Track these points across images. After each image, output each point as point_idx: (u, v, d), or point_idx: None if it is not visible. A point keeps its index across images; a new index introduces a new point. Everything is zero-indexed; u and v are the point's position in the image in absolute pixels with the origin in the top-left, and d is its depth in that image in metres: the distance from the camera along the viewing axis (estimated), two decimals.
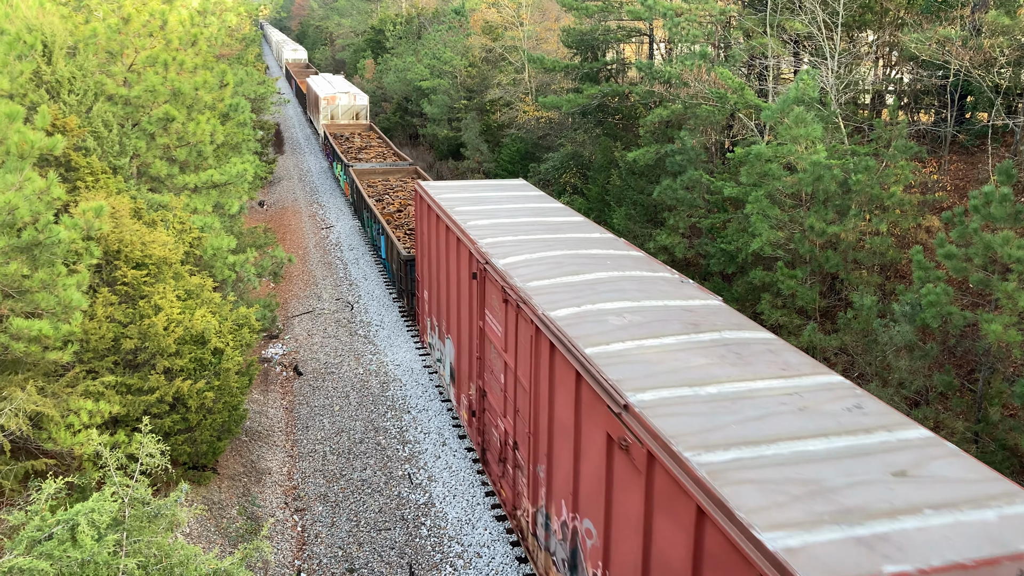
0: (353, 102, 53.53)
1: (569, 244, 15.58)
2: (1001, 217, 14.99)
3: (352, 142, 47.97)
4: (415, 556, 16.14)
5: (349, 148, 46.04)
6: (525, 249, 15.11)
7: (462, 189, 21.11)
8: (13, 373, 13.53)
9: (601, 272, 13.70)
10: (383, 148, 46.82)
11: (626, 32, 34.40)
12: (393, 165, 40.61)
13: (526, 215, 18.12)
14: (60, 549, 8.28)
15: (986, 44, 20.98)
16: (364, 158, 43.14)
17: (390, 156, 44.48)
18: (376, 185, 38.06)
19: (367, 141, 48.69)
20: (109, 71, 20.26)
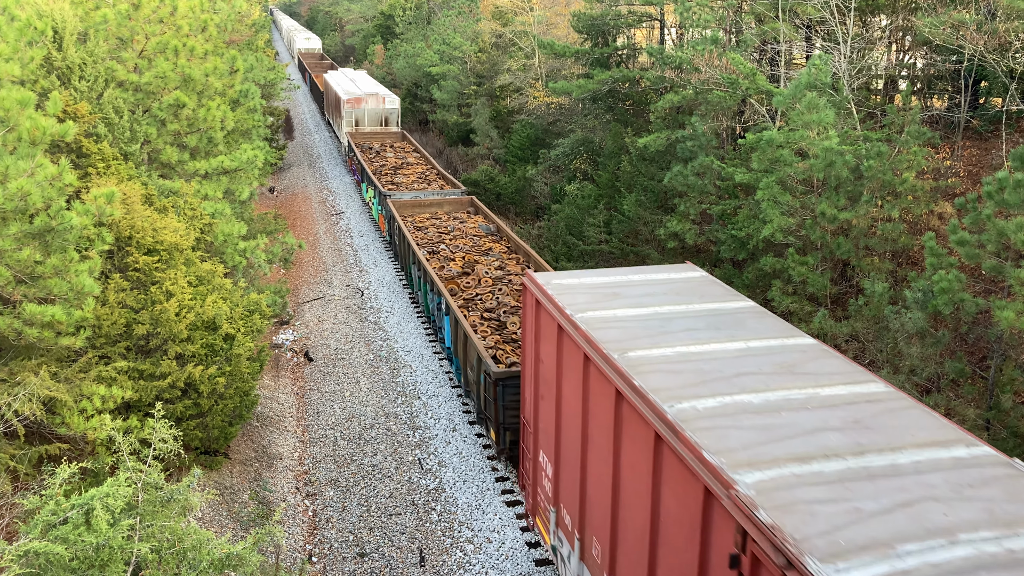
0: (381, 105, 46.14)
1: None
2: (1015, 203, 14.88)
3: (384, 157, 40.69)
4: (425, 541, 16.22)
5: (382, 167, 38.34)
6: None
7: (612, 296, 12.23)
8: (27, 358, 13.62)
9: None
10: (423, 166, 39.16)
11: (637, 17, 34.22)
12: (443, 195, 32.38)
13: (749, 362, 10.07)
14: (75, 533, 8.35)
15: (1001, 28, 20.77)
16: (403, 183, 35.34)
17: (434, 178, 36.59)
18: (425, 226, 29.16)
19: (402, 156, 41.16)
20: (120, 57, 20.28)
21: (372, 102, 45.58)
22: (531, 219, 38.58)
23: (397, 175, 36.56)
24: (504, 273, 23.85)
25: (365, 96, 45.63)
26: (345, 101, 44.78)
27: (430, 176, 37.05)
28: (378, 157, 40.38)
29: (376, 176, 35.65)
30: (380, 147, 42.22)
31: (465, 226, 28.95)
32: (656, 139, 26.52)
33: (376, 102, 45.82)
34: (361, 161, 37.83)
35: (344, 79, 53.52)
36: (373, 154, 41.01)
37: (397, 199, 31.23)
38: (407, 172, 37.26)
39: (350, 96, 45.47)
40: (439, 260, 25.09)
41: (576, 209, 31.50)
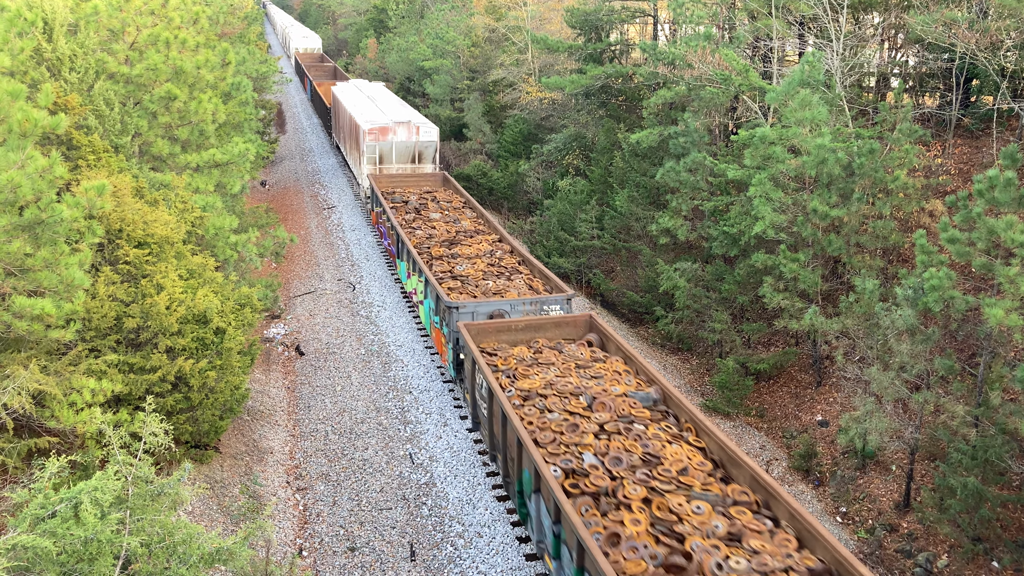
0: (414, 137, 34.53)
1: None
2: (1005, 202, 14.95)
3: (426, 217, 28.22)
4: (416, 535, 16.22)
5: (429, 238, 25.73)
6: None
7: None
8: (16, 351, 13.56)
9: None
10: (488, 235, 25.96)
11: (630, 13, 34.22)
12: (544, 308, 19.72)
13: None
14: (63, 527, 8.32)
15: (993, 27, 20.84)
16: (469, 275, 22.23)
17: (512, 263, 23.22)
18: (529, 378, 15.88)
19: (452, 216, 28.39)
20: (111, 49, 20.17)
21: (402, 133, 34.52)
22: (523, 214, 38.59)
23: (456, 256, 23.89)
24: None
25: (393, 125, 34.32)
26: (367, 132, 33.96)
27: (507, 260, 23.44)
28: (418, 217, 28.36)
29: (423, 256, 24.03)
30: (418, 200, 30.24)
31: (601, 377, 15.88)
32: (649, 135, 26.54)
33: (407, 133, 34.64)
34: (396, 226, 25.94)
35: (360, 97, 42.33)
36: (410, 212, 29.04)
37: (472, 318, 19.25)
38: (468, 248, 24.53)
39: (374, 126, 34.23)
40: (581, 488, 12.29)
41: (568, 205, 31.52)
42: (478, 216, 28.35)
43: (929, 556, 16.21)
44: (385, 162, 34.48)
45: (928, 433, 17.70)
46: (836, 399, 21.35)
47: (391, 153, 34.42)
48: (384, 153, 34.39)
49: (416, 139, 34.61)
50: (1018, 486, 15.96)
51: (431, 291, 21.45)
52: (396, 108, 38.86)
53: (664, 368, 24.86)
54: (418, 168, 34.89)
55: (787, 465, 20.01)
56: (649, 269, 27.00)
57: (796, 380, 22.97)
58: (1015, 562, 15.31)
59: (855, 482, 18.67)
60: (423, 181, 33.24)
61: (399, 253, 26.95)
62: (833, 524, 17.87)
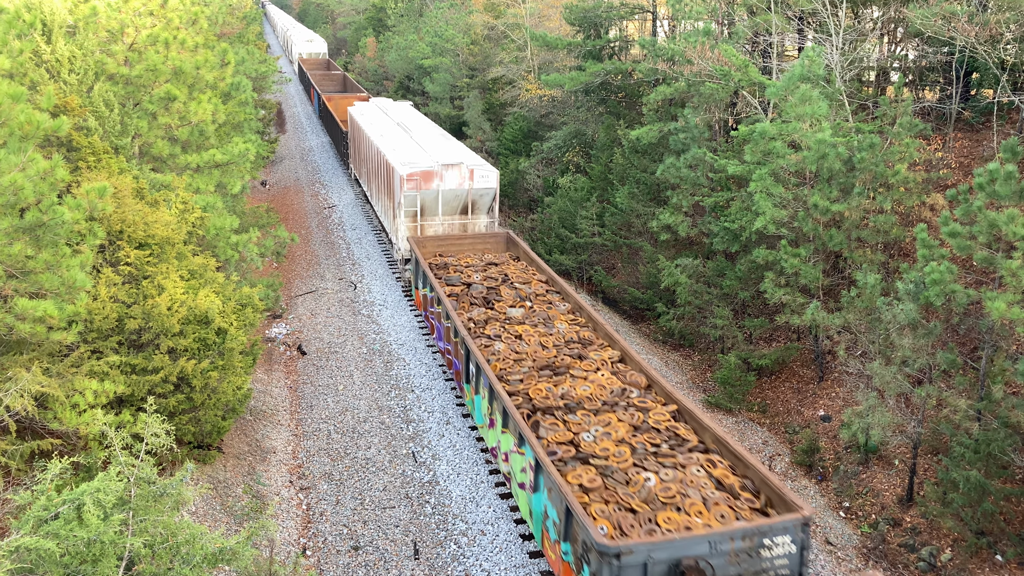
0: (468, 183, 26.78)
1: None
2: (1006, 195, 14.92)
3: (505, 318, 20.08)
4: (420, 534, 16.23)
5: (518, 355, 17.96)
6: None
7: None
8: (18, 353, 13.57)
9: None
10: (603, 346, 18.54)
11: (629, 9, 34.18)
12: (764, 543, 11.59)
13: None
14: (66, 528, 8.33)
15: (992, 20, 20.80)
16: (612, 455, 13.97)
17: (661, 415, 15.17)
18: None
19: (540, 309, 20.57)
20: (110, 50, 20.17)
21: (452, 178, 26.53)
22: (524, 212, 38.58)
23: (572, 406, 15.66)
24: None
25: (440, 169, 26.47)
26: (405, 179, 26.15)
27: (656, 412, 15.29)
28: (490, 314, 20.16)
29: (519, 402, 15.94)
30: (483, 279, 22.37)
31: None
32: (649, 131, 26.51)
33: (458, 178, 26.65)
34: (464, 337, 18.06)
35: (387, 125, 34.33)
36: (476, 301, 21.01)
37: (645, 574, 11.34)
38: (584, 382, 16.49)
39: (415, 170, 26.38)
40: None
41: (569, 202, 31.50)
42: (575, 308, 20.34)
43: (933, 550, 16.21)
44: (428, 215, 26.84)
45: (931, 427, 17.69)
46: (838, 394, 21.35)
47: (436, 204, 26.67)
48: (427, 204, 26.66)
49: (470, 186, 26.60)
50: (1021, 479, 15.95)
51: (551, 490, 13.11)
52: (438, 142, 30.44)
53: (666, 364, 24.86)
54: (471, 222, 27.41)
55: (790, 460, 20.01)
56: (650, 265, 26.99)
57: (798, 375, 22.96)
58: (1019, 555, 15.30)
59: (858, 477, 18.67)
60: (480, 244, 25.55)
61: (467, 374, 18.36)
62: (836, 519, 17.87)
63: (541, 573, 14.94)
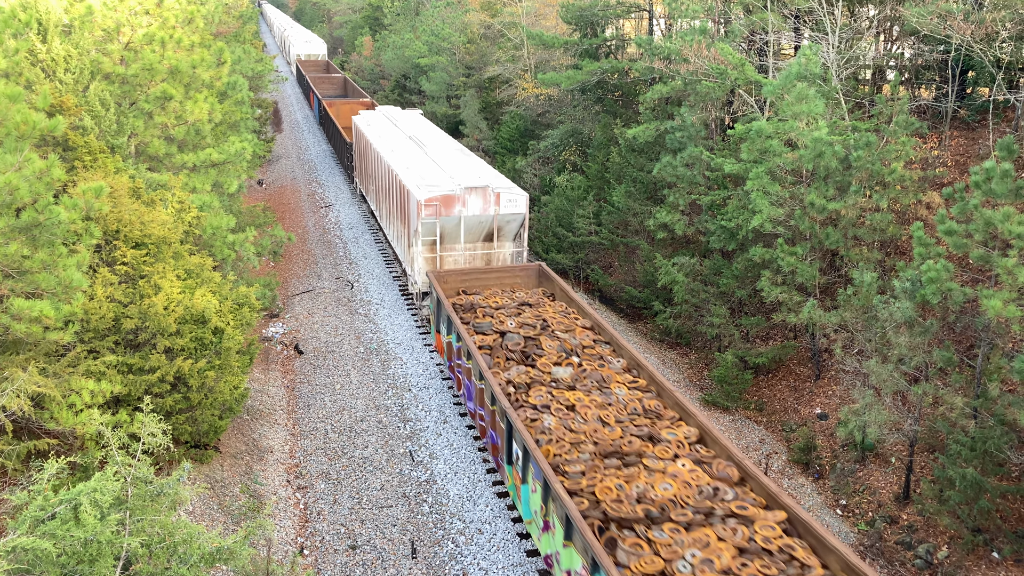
0: (493, 208, 23.91)
1: None
2: (1002, 193, 14.95)
3: (550, 378, 17.00)
4: (417, 533, 16.23)
5: (576, 436, 14.59)
6: None
7: None
8: (14, 353, 13.55)
9: None
10: (674, 418, 15.47)
11: (625, 8, 34.17)
12: None
13: None
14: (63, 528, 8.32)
15: (988, 18, 20.83)
16: None
17: (769, 531, 12.02)
18: None
19: (589, 364, 17.57)
20: (105, 49, 20.13)
21: (475, 203, 23.72)
22: None
23: (654, 516, 12.58)
24: None
25: (462, 193, 23.52)
26: (423, 204, 23.34)
27: (764, 529, 12.21)
28: (533, 375, 17.00)
29: (585, 508, 12.88)
30: (517, 325, 19.17)
31: None
32: (645, 130, 26.52)
33: (483, 203, 23.79)
34: (500, 400, 15.46)
35: (398, 139, 31.10)
36: (513, 355, 18.05)
37: None
38: (660, 473, 13.62)
39: (434, 194, 23.49)
40: None
41: (566, 200, 31.51)
42: (632, 364, 17.38)
43: (929, 547, 16.24)
44: (448, 243, 24.09)
45: (927, 425, 17.72)
46: (835, 392, 21.38)
47: (458, 231, 23.91)
48: (447, 232, 23.89)
49: (495, 211, 23.73)
50: (1017, 477, 15.99)
51: None
52: (457, 159, 27.38)
53: (663, 363, 24.88)
54: (495, 252, 24.62)
55: (787, 458, 20.03)
56: (647, 264, 27.01)
57: (795, 373, 22.99)
58: (1015, 552, 15.34)
59: (855, 474, 18.70)
60: (509, 277, 22.56)
61: (509, 453, 15.40)
62: (833, 517, 17.90)
63: (538, 572, 14.95)
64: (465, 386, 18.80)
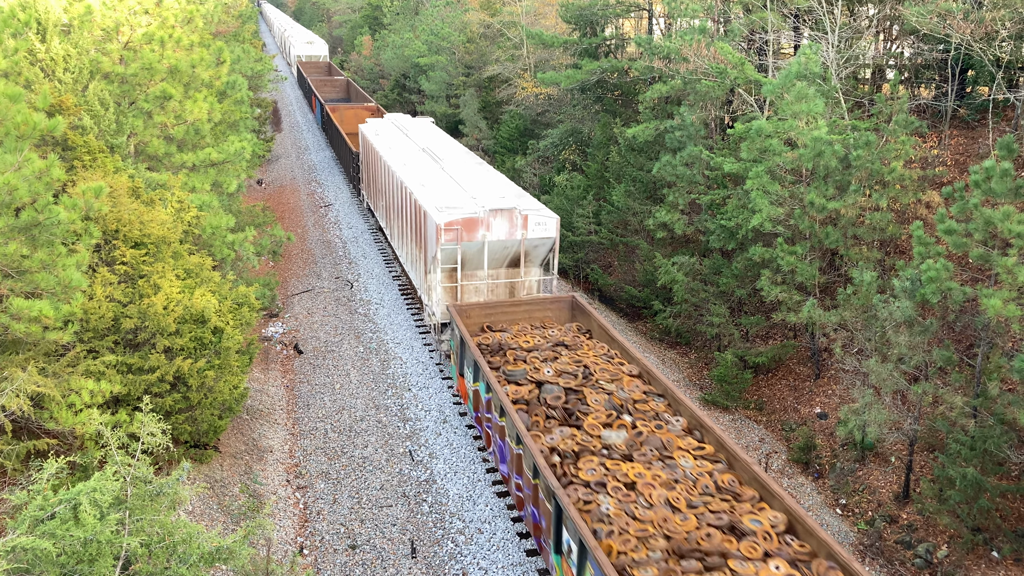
0: (520, 232, 21.44)
1: None
2: (1002, 192, 14.95)
3: (598, 443, 14.52)
4: (417, 532, 16.23)
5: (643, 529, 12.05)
6: None
7: None
8: (14, 353, 13.55)
9: None
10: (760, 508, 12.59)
11: (625, 7, 34.17)
12: None
13: None
14: (63, 528, 8.32)
15: (987, 17, 20.83)
16: None
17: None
18: None
19: (643, 427, 14.88)
20: (105, 49, 20.12)
21: (500, 226, 21.15)
22: None
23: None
24: None
25: (486, 216, 20.95)
26: (443, 228, 20.72)
27: None
28: (573, 431, 14.89)
29: None
30: (555, 373, 16.97)
31: None
32: (645, 129, 26.51)
33: (509, 226, 21.24)
34: (546, 477, 13.06)
35: (410, 151, 28.67)
36: (555, 416, 15.65)
37: None
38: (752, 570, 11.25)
39: (455, 217, 20.88)
40: None
41: (565, 200, 31.50)
42: (694, 424, 14.90)
43: (929, 547, 16.24)
44: (469, 268, 21.49)
45: (927, 424, 17.72)
46: (835, 391, 21.38)
47: (480, 258, 21.35)
48: (469, 258, 21.31)
49: (523, 236, 21.18)
50: (1017, 476, 15.99)
51: None
52: (477, 175, 24.87)
53: (663, 362, 24.88)
54: (520, 280, 22.00)
55: (786, 458, 20.03)
56: (647, 263, 27.01)
57: (795, 373, 22.99)
58: (1015, 552, 15.34)
59: (854, 474, 18.70)
60: (539, 310, 20.27)
61: (557, 542, 12.95)
62: (833, 516, 17.90)
63: (538, 571, 14.95)
64: (496, 446, 16.34)
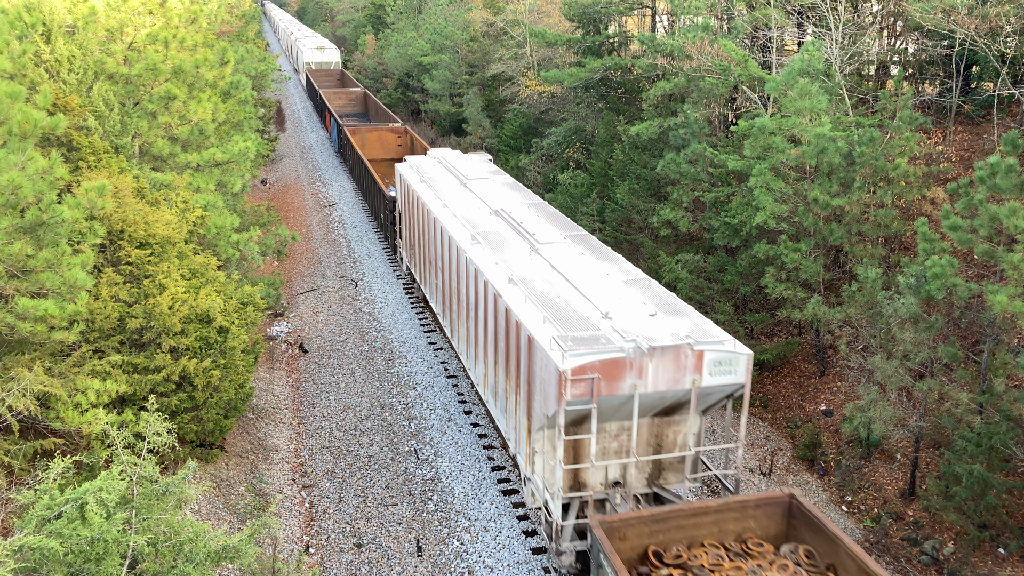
0: (690, 377, 13.32)
1: None
2: (1007, 188, 14.91)
3: None
4: (422, 531, 16.25)
5: None
6: None
7: None
8: (20, 353, 13.58)
9: None
10: None
11: (628, 4, 34.11)
12: None
13: None
14: (69, 527, 8.35)
15: (992, 12, 20.76)
16: None
17: None
18: None
19: None
20: (109, 50, 20.15)
21: (661, 371, 13.21)
22: None
23: None
24: None
25: (638, 357, 13.04)
26: (570, 378, 12.70)
27: None
28: None
29: None
30: None
31: None
32: (648, 127, 26.47)
33: (673, 369, 13.29)
34: None
35: (476, 210, 21.15)
36: None
37: None
38: None
39: (589, 361, 12.83)
40: None
41: (569, 198, 31.48)
42: None
43: (935, 544, 16.22)
44: (610, 420, 13.90)
45: (932, 421, 17.69)
46: (840, 388, 21.34)
47: (621, 413, 13.79)
48: (604, 415, 13.62)
49: (695, 382, 13.44)
50: (1023, 472, 15.95)
51: None
52: (593, 266, 17.17)
53: None
54: (671, 432, 14.46)
55: (792, 455, 20.01)
56: (651, 261, 26.98)
57: (800, 370, 22.96)
58: (1021, 548, 15.31)
59: (860, 471, 18.67)
60: (735, 519, 12.56)
61: None
62: (838, 513, 17.87)
63: (543, 569, 14.95)
64: None
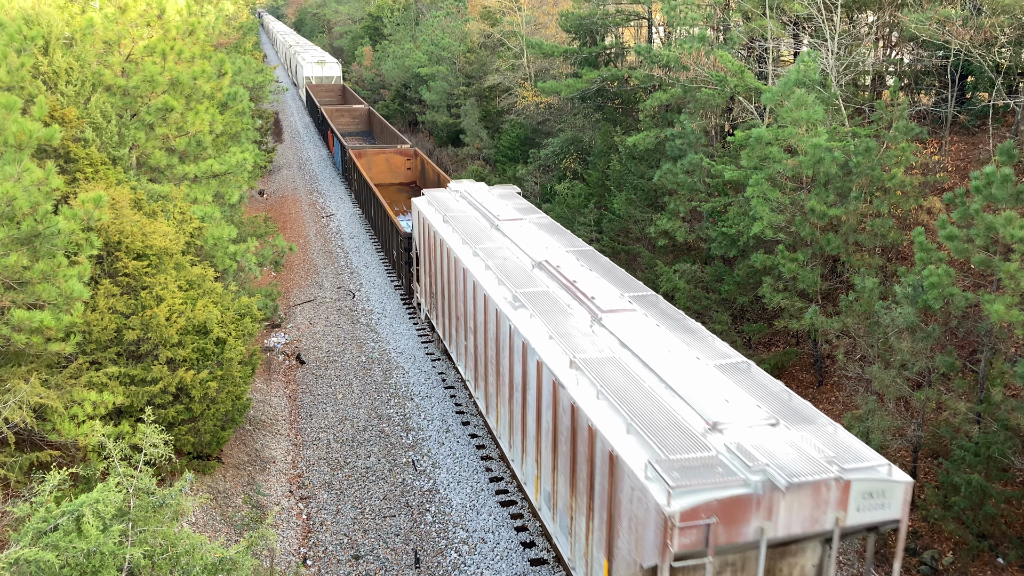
0: (832, 515, 10.14)
1: None
2: (1003, 197, 14.94)
3: None
4: (420, 542, 16.19)
5: None
6: None
7: None
8: (16, 365, 13.55)
9: None
10: None
11: (625, 16, 34.26)
12: None
13: None
14: (66, 540, 8.31)
15: (987, 23, 20.86)
16: None
17: None
18: None
19: None
20: (107, 61, 20.18)
21: (796, 509, 9.99)
22: None
23: None
24: None
25: (767, 496, 9.81)
26: (679, 525, 9.49)
27: None
28: None
29: None
30: None
31: None
32: (645, 137, 26.53)
33: (811, 506, 10.05)
34: None
35: (515, 263, 18.04)
36: None
37: None
38: None
39: (704, 500, 9.57)
40: None
41: (566, 208, 31.52)
42: None
43: (934, 554, 16.18)
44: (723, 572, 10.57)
45: (931, 430, 17.67)
46: (838, 398, 21.33)
47: (745, 563, 10.58)
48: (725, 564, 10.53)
49: (837, 519, 10.29)
50: (1022, 482, 15.94)
51: None
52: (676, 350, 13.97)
53: None
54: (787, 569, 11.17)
55: None
56: (648, 271, 26.99)
57: (797, 380, 22.95)
58: (1020, 558, 15.28)
59: None
60: None
61: None
62: None
63: None
64: None
